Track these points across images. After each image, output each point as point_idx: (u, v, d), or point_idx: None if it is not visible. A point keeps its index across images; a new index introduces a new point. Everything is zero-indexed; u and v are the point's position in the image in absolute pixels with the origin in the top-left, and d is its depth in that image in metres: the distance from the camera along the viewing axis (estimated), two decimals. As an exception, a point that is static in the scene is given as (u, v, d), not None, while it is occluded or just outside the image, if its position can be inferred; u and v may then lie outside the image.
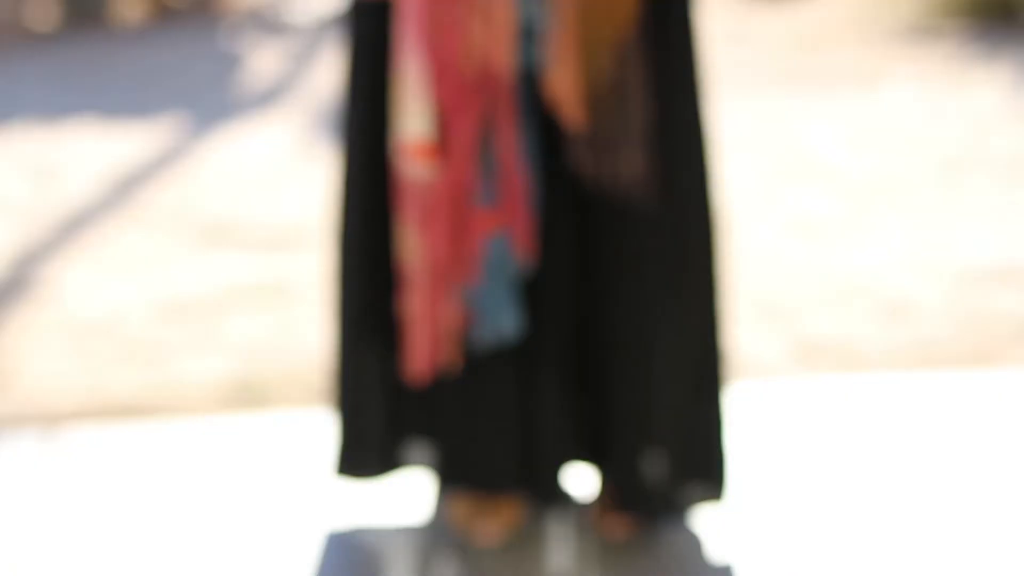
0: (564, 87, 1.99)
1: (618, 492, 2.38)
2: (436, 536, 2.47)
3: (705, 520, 2.48)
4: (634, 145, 2.06)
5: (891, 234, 4.13)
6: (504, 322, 2.13)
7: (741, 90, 6.24)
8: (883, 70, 6.65)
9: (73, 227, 4.49)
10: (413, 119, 2.04)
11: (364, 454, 2.43)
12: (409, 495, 2.54)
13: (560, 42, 1.96)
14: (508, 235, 2.11)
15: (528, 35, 2.00)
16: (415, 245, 2.09)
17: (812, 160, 4.99)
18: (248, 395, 3.15)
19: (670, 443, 2.29)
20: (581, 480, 2.55)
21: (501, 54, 1.96)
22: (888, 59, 6.88)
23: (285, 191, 4.91)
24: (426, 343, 2.12)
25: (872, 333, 3.37)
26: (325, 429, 2.76)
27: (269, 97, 6.74)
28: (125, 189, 4.98)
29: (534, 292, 2.20)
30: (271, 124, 6.11)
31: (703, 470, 2.39)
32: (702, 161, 2.25)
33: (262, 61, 7.59)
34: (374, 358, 2.29)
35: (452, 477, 2.40)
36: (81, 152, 5.55)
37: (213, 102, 6.60)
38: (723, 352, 2.36)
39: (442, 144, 2.05)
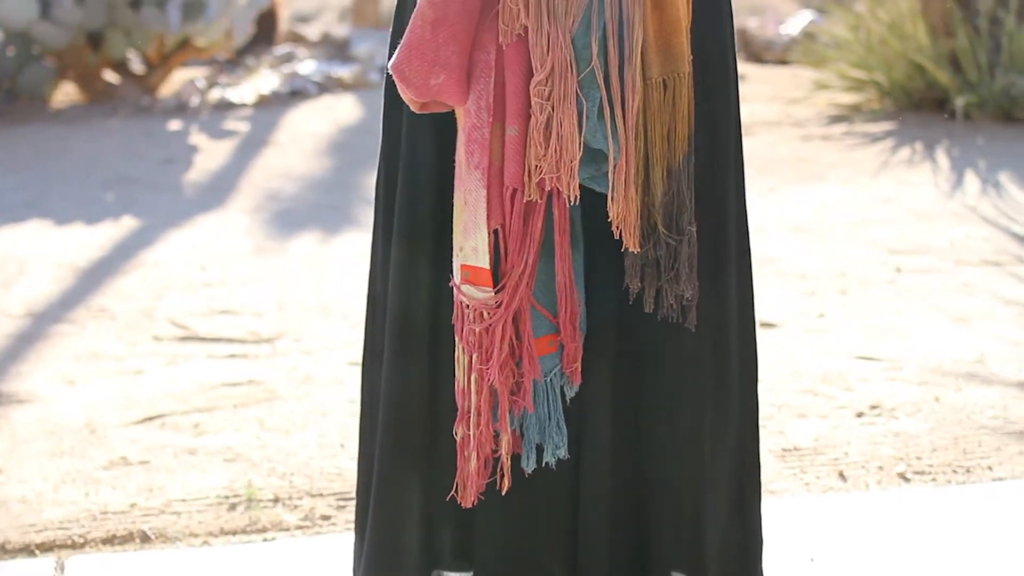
0: (626, 209, 2.03)
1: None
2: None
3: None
4: (685, 263, 2.11)
5: (853, 331, 4.22)
6: (551, 445, 2.17)
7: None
8: (821, 160, 6.80)
9: (39, 325, 4.47)
10: (471, 242, 2.08)
11: None
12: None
13: (623, 165, 2.01)
14: (559, 356, 2.16)
15: (588, 157, 2.04)
16: (469, 369, 2.12)
17: (763, 255, 5.08)
18: (243, 510, 3.15)
19: (711, 567, 2.32)
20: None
21: (566, 178, 2.00)
22: (826, 150, 7.03)
23: (241, 286, 4.93)
24: (478, 469, 2.15)
25: (852, 437, 3.44)
26: (333, 556, 2.79)
27: (215, 185, 6.74)
28: (83, 287, 4.96)
29: (579, 412, 2.23)
30: (221, 214, 6.12)
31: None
32: (745, 272, 2.31)
33: (206, 145, 7.59)
34: (412, 487, 2.30)
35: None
36: (34, 248, 5.52)
37: (159, 191, 6.59)
38: (759, 466, 2.39)
39: (501, 267, 2.09)
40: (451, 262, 2.12)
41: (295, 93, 9.00)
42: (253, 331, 4.39)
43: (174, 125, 8.25)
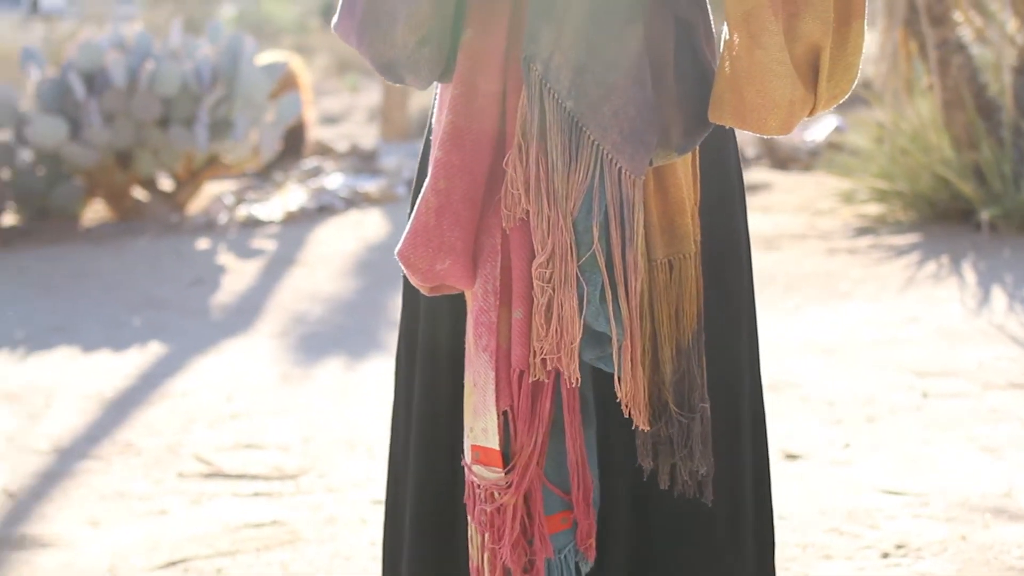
0: (634, 389, 2.04)
1: None
2: None
3: None
4: (699, 440, 2.11)
5: (879, 463, 4.19)
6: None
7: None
8: (847, 276, 6.80)
9: (65, 462, 4.48)
10: (481, 423, 2.09)
11: None
12: None
13: (628, 346, 2.02)
14: (572, 533, 2.15)
15: (593, 338, 2.04)
16: (483, 548, 2.12)
17: (789, 380, 5.07)
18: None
19: None
20: None
21: (566, 360, 2.01)
22: (852, 264, 7.03)
23: (267, 418, 4.94)
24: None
25: (877, 578, 3.42)
26: None
27: (243, 307, 6.78)
28: (110, 420, 4.98)
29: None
30: (248, 338, 6.15)
31: None
32: (761, 441, 2.30)
33: (233, 264, 7.65)
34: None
35: None
36: (62, 378, 5.56)
37: (187, 314, 6.64)
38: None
39: (512, 447, 2.09)
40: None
41: (322, 208, 9.08)
42: (278, 467, 4.39)
43: (202, 244, 8.31)
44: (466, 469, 2.12)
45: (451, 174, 2.02)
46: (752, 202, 9.08)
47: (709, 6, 2.11)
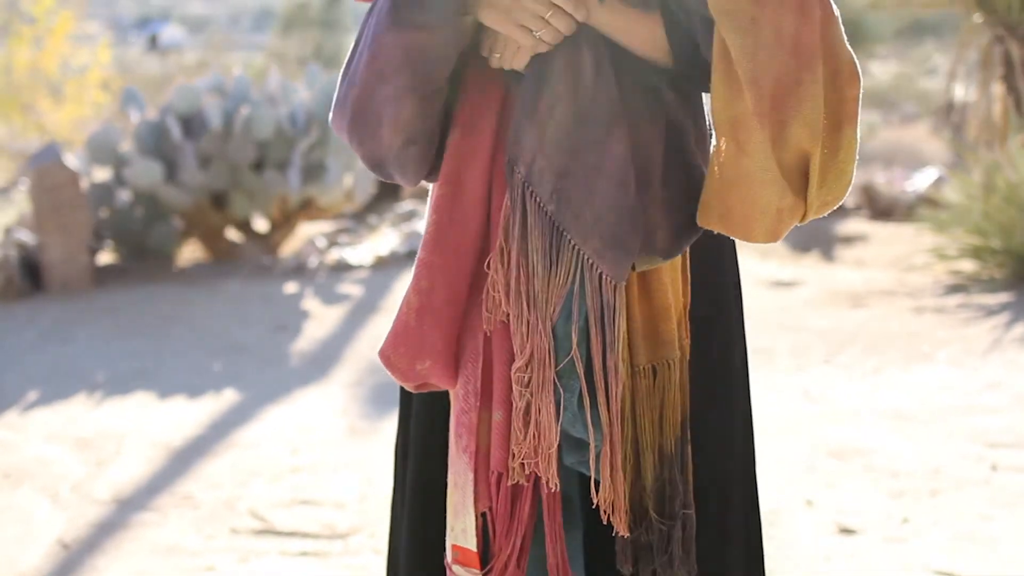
0: (613, 495, 2.01)
1: None
2: None
3: None
4: (679, 546, 2.07)
5: (936, 541, 4.10)
6: None
7: (782, 360, 6.27)
8: (931, 337, 6.67)
9: (123, 513, 4.53)
10: (460, 523, 2.07)
11: None
12: None
13: (607, 452, 1.99)
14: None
15: (574, 443, 2.02)
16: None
17: (856, 447, 4.98)
18: None
19: None
20: None
21: (544, 465, 1.99)
22: (939, 324, 6.90)
23: (328, 472, 4.95)
24: None
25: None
26: None
27: (321, 355, 6.82)
28: (173, 470, 5.03)
29: None
30: (321, 388, 6.19)
31: None
32: (755, 556, 2.26)
33: (318, 311, 7.70)
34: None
35: None
36: (134, 425, 5.62)
37: (266, 362, 6.69)
38: None
39: (490, 549, 2.08)
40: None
41: (412, 253, 9.11)
42: (329, 524, 4.39)
43: (290, 288, 8.38)
44: (447, 568, 2.11)
45: (433, 274, 2.01)
46: (845, 255, 8.97)
47: (706, 108, 2.08)
